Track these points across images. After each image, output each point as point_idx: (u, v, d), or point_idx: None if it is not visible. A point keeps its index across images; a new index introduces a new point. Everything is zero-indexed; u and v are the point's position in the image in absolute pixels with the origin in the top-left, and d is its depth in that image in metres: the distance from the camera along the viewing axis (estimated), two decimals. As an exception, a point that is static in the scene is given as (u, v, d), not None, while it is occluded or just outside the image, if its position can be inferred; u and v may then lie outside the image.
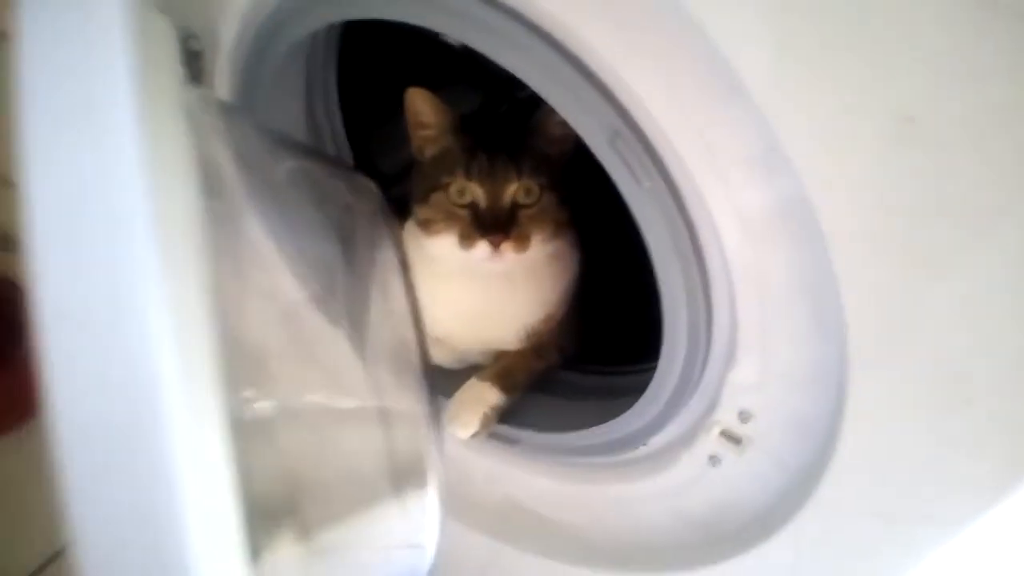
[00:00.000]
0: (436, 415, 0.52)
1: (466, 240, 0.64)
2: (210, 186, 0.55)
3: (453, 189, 0.65)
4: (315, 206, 0.63)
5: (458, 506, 0.80)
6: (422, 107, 0.65)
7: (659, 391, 0.58)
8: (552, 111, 0.61)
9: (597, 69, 0.46)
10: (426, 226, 0.67)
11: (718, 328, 0.51)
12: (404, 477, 0.51)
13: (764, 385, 0.51)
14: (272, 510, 0.47)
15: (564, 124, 0.61)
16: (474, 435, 0.70)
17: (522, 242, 0.64)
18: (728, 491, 0.58)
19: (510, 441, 0.72)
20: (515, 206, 0.65)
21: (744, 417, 0.54)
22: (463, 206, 0.65)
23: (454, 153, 0.65)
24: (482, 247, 0.63)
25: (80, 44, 0.28)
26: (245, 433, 0.42)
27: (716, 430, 0.56)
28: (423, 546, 0.50)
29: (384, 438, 0.53)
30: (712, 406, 0.55)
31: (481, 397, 0.70)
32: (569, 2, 0.45)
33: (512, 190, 0.64)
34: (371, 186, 0.59)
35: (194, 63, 0.67)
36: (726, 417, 0.55)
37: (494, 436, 0.72)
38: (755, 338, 0.50)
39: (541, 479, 0.72)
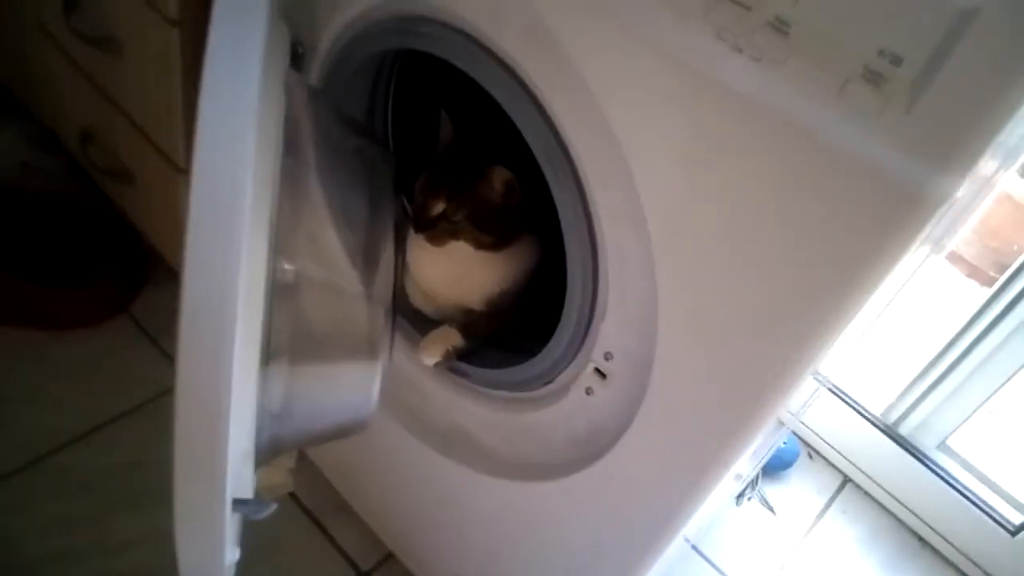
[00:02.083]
0: (392, 335, 0.78)
1: (414, 222, 0.92)
2: (289, 143, 0.82)
3: (418, 186, 0.92)
4: (360, 173, 0.89)
5: (418, 426, 1.05)
6: (444, 125, 0.93)
7: (561, 337, 0.82)
8: (493, 168, 0.89)
9: (544, 104, 0.72)
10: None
11: (600, 292, 0.76)
12: (364, 353, 0.77)
13: (619, 334, 0.75)
14: (280, 343, 0.73)
15: (505, 183, 0.89)
16: (436, 364, 0.95)
17: (437, 241, 0.91)
18: (597, 415, 0.82)
19: (463, 374, 0.96)
20: (441, 217, 0.91)
21: (608, 357, 0.78)
22: (421, 200, 0.92)
23: (435, 164, 0.93)
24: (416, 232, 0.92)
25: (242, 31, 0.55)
26: (279, 289, 0.69)
27: (591, 367, 0.80)
28: (368, 400, 0.75)
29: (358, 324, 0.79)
30: (591, 350, 0.79)
31: (447, 337, 0.95)
32: (539, 64, 0.72)
33: (438, 209, 0.90)
34: (390, 158, 0.86)
35: (298, 60, 0.96)
36: (598, 357, 0.79)
37: (453, 370, 0.97)
38: (617, 299, 0.74)
39: (479, 408, 0.96)
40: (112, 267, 1.49)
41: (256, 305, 0.61)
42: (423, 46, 0.80)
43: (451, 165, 0.92)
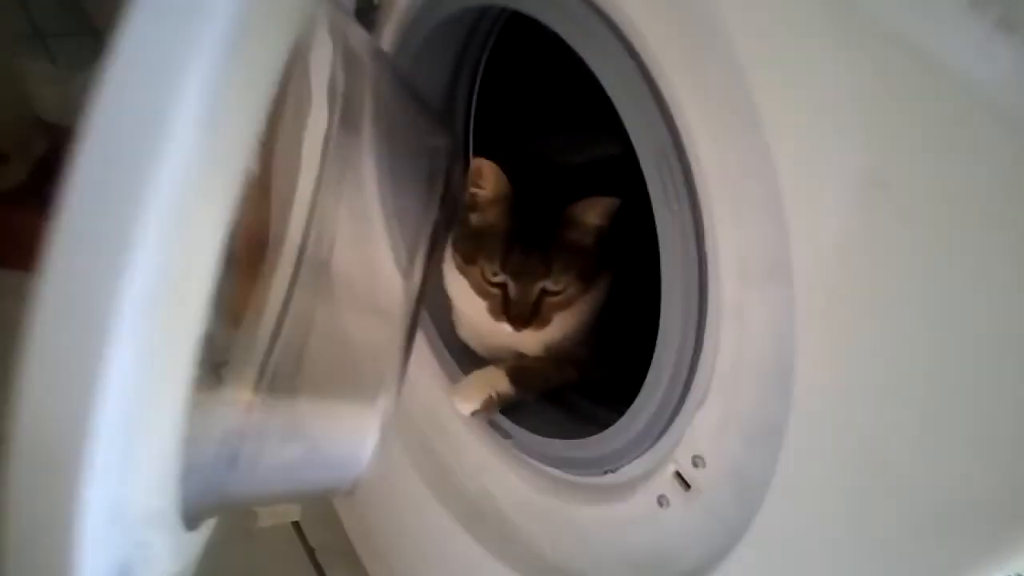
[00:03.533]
0: (405, 367, 0.57)
1: (494, 315, 0.72)
2: (349, 119, 0.65)
3: (488, 270, 0.71)
4: (420, 156, 0.70)
5: (441, 485, 0.84)
6: (488, 177, 0.71)
7: (636, 417, 0.60)
8: (586, 204, 0.69)
9: (666, 93, 0.50)
10: (462, 273, 0.74)
11: (703, 363, 0.53)
12: (365, 389, 0.56)
13: (721, 432, 0.53)
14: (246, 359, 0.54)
15: (599, 213, 0.70)
16: (474, 413, 0.74)
17: (543, 325, 0.72)
18: (668, 537, 0.59)
19: (504, 434, 0.75)
20: (542, 293, 0.71)
21: (698, 463, 0.55)
22: (495, 284, 0.72)
23: (495, 237, 0.71)
24: (506, 326, 0.71)
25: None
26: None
27: (671, 469, 0.57)
28: (355, 458, 0.55)
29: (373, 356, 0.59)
30: (675, 444, 0.57)
31: (491, 381, 0.75)
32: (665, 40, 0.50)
33: (540, 286, 0.71)
34: (458, 153, 0.66)
35: (371, 14, 0.78)
36: (682, 458, 0.56)
37: (492, 425, 0.76)
38: (726, 382, 0.52)
39: (519, 482, 0.75)
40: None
41: (191, 298, 0.41)
42: (516, 4, 0.60)
43: (528, 227, 0.71)
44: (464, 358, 0.80)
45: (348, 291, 0.67)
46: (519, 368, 0.76)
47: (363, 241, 0.67)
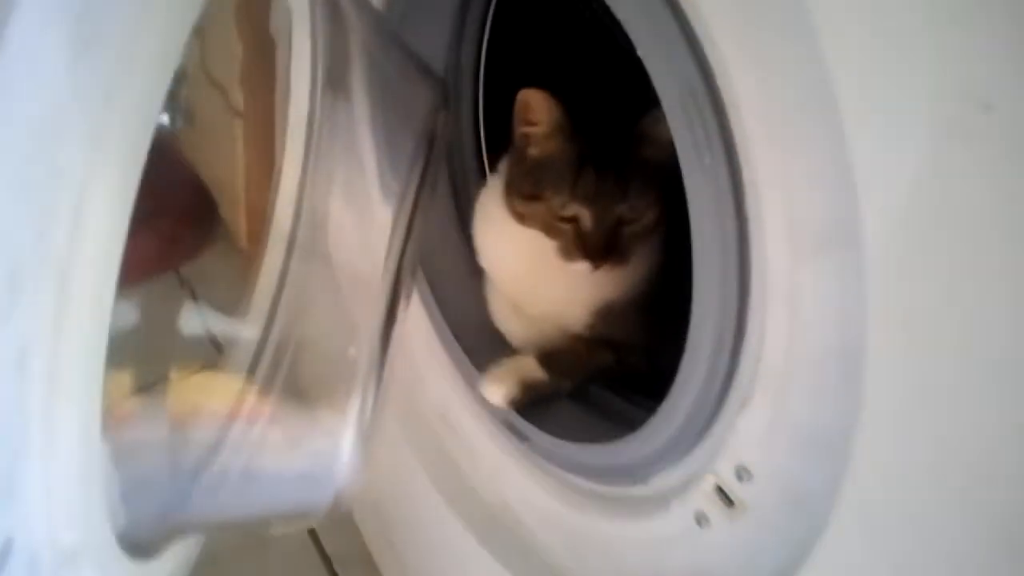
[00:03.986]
0: (384, 361, 0.48)
1: (566, 254, 0.63)
2: (335, 82, 0.57)
3: (556, 203, 0.63)
4: (409, 106, 0.62)
5: (457, 493, 0.76)
6: (539, 108, 0.63)
7: (666, 419, 0.50)
8: (662, 115, 0.58)
9: (688, 11, 0.40)
10: (520, 219, 0.66)
11: (746, 354, 0.43)
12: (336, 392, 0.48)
13: (770, 439, 0.42)
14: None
15: None
16: (504, 397, 0.66)
17: (621, 259, 0.63)
18: (708, 562, 0.49)
19: (521, 437, 0.66)
20: (619, 222, 0.62)
21: (743, 475, 0.45)
22: (565, 219, 0.63)
23: (560, 165, 0.63)
24: (582, 264, 0.62)
25: None
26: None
27: (711, 482, 0.47)
28: (329, 471, 0.46)
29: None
30: (715, 453, 0.47)
31: (523, 367, 0.68)
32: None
33: (618, 212, 0.62)
34: (448, 117, 0.58)
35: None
36: (724, 470, 0.46)
37: (509, 428, 0.67)
38: (774, 379, 0.41)
39: (538, 490, 0.67)
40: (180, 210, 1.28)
41: (80, 271, 0.33)
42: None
43: (598, 148, 0.63)
44: (480, 354, 0.72)
45: (341, 258, 0.60)
46: (550, 354, 0.68)
47: (356, 200, 0.62)
